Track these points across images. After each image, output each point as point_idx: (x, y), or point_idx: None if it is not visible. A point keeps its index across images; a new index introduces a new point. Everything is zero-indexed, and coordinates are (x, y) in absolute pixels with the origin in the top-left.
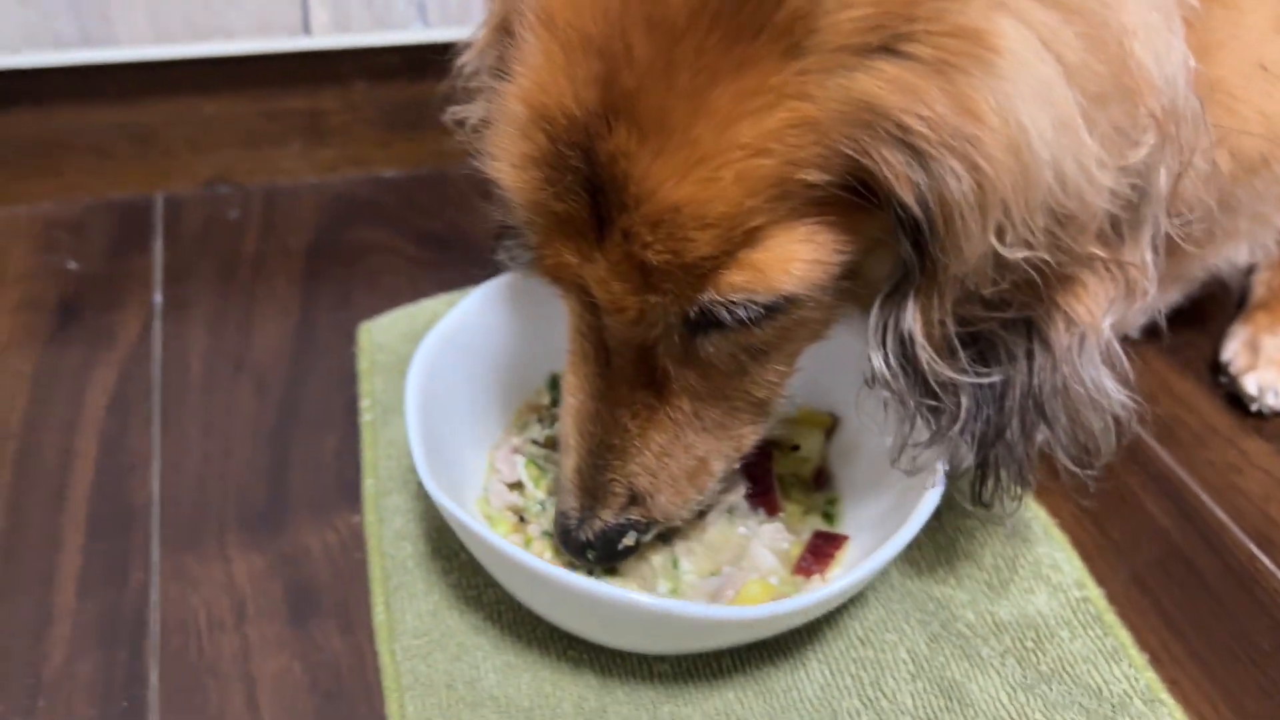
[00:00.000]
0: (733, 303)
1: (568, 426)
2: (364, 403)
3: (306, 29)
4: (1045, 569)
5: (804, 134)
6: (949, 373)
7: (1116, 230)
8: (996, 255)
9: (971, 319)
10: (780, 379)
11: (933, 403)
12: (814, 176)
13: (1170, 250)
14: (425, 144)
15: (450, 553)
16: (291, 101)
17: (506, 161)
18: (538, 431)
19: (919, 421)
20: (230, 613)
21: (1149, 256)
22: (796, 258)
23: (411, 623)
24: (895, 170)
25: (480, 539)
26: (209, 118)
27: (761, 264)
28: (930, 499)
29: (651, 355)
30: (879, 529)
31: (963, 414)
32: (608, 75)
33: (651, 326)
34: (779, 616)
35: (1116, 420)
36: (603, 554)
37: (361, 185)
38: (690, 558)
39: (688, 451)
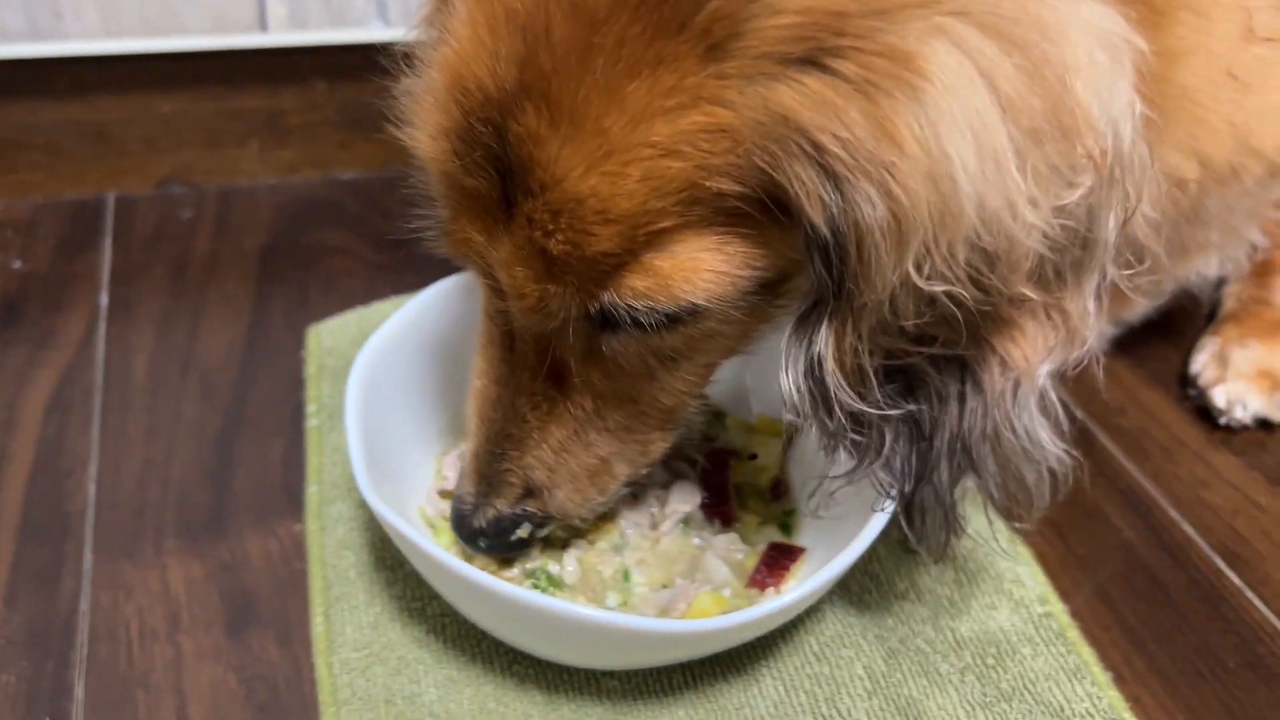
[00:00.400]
0: (633, 307)
1: (470, 409)
2: (310, 408)
3: (263, 25)
4: (1008, 584)
5: (718, 140)
6: (857, 404)
7: (1056, 273)
8: (914, 287)
9: (894, 351)
10: (690, 389)
11: (855, 435)
12: (726, 186)
13: (1140, 260)
14: (387, 145)
15: (394, 563)
16: (249, 100)
17: (423, 130)
18: None
19: (840, 453)
20: (164, 621)
21: (1090, 304)
22: (702, 267)
23: (351, 635)
24: (807, 189)
25: (419, 549)
26: (165, 116)
27: (665, 270)
28: (883, 513)
29: (554, 346)
30: (836, 541)
31: (885, 449)
32: (527, 54)
33: (551, 317)
34: (730, 630)
35: (1051, 473)
36: (495, 543)
37: (321, 187)
38: (642, 569)
39: (588, 450)
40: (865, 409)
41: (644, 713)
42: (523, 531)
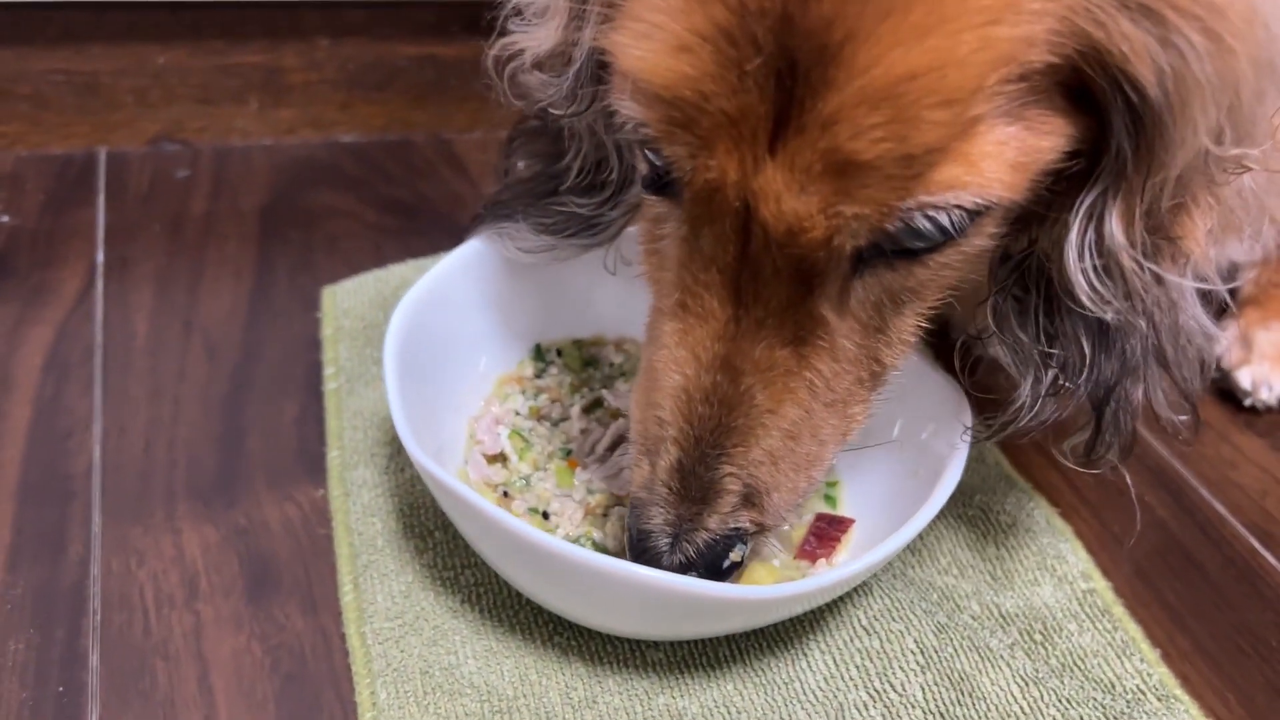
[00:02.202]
0: (937, 208)
1: (668, 411)
2: (328, 370)
3: None
4: (1050, 560)
5: (1045, 2)
6: (1151, 271)
7: None
8: (1208, 156)
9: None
10: (910, 340)
11: (1050, 350)
12: (1041, 57)
13: None
14: (390, 108)
15: (424, 531)
16: (249, 56)
17: (659, 44)
18: (520, 403)
19: (1044, 373)
20: (181, 588)
21: (1248, 184)
22: (1004, 157)
23: (383, 604)
24: (1134, 46)
25: (475, 509)
26: (159, 69)
27: (975, 156)
28: (948, 482)
29: (804, 298)
30: (884, 513)
31: (1087, 356)
32: None
33: (831, 255)
34: (791, 598)
35: (1202, 359)
36: (705, 575)
37: (320, 149)
38: None
39: (814, 434)
40: (1164, 274)
41: (691, 685)
42: (736, 555)
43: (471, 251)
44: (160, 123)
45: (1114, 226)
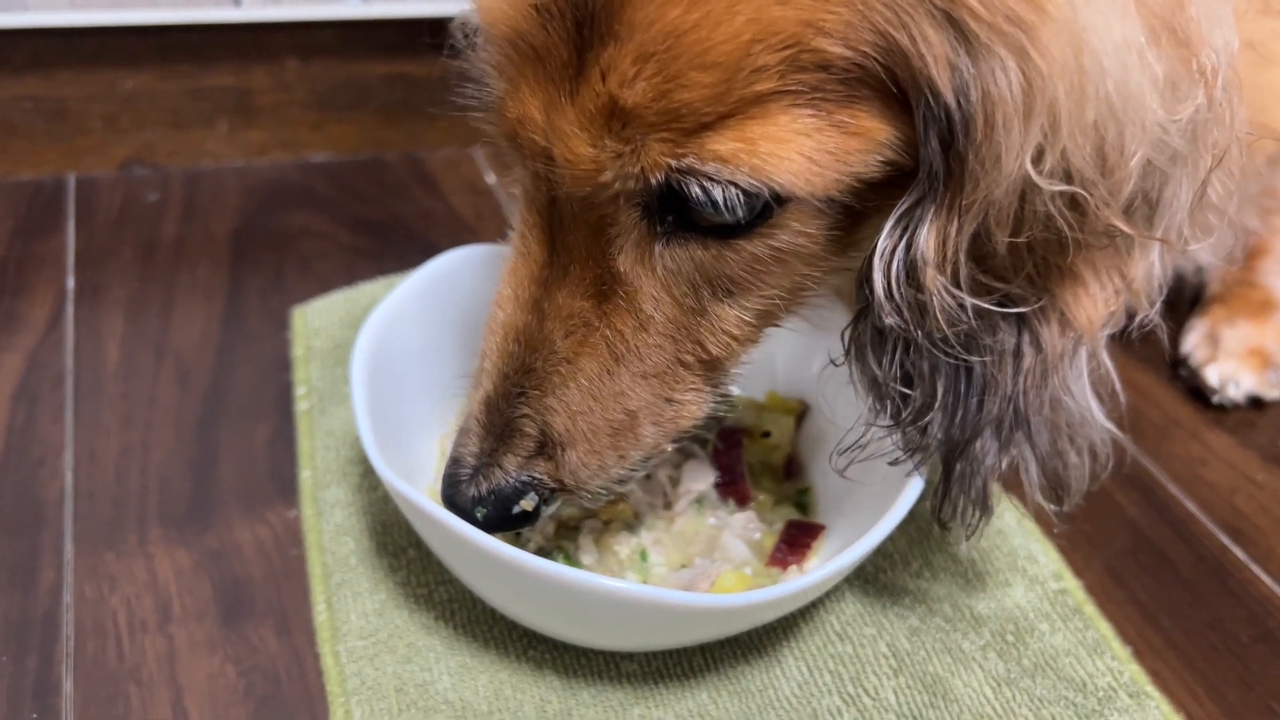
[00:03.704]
0: (709, 178)
1: (487, 345)
2: (299, 390)
3: (236, 0)
4: (1021, 561)
5: None
6: (955, 298)
7: (1139, 211)
8: (1026, 188)
9: (973, 284)
10: (741, 335)
11: (904, 389)
12: (835, 50)
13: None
14: (361, 128)
15: (397, 549)
16: (218, 79)
17: None
18: None
19: (887, 405)
20: (153, 613)
21: (1156, 263)
22: (794, 146)
23: (357, 623)
24: (935, 53)
25: (443, 525)
26: (127, 93)
27: (754, 136)
28: (913, 486)
29: (603, 250)
30: (855, 518)
31: (937, 400)
32: None
33: (608, 196)
34: (763, 605)
35: (1093, 454)
36: (494, 514)
37: (291, 170)
38: (659, 549)
39: (618, 399)
40: (968, 299)
41: (665, 695)
42: (527, 503)
43: (438, 267)
44: (130, 147)
45: (923, 239)
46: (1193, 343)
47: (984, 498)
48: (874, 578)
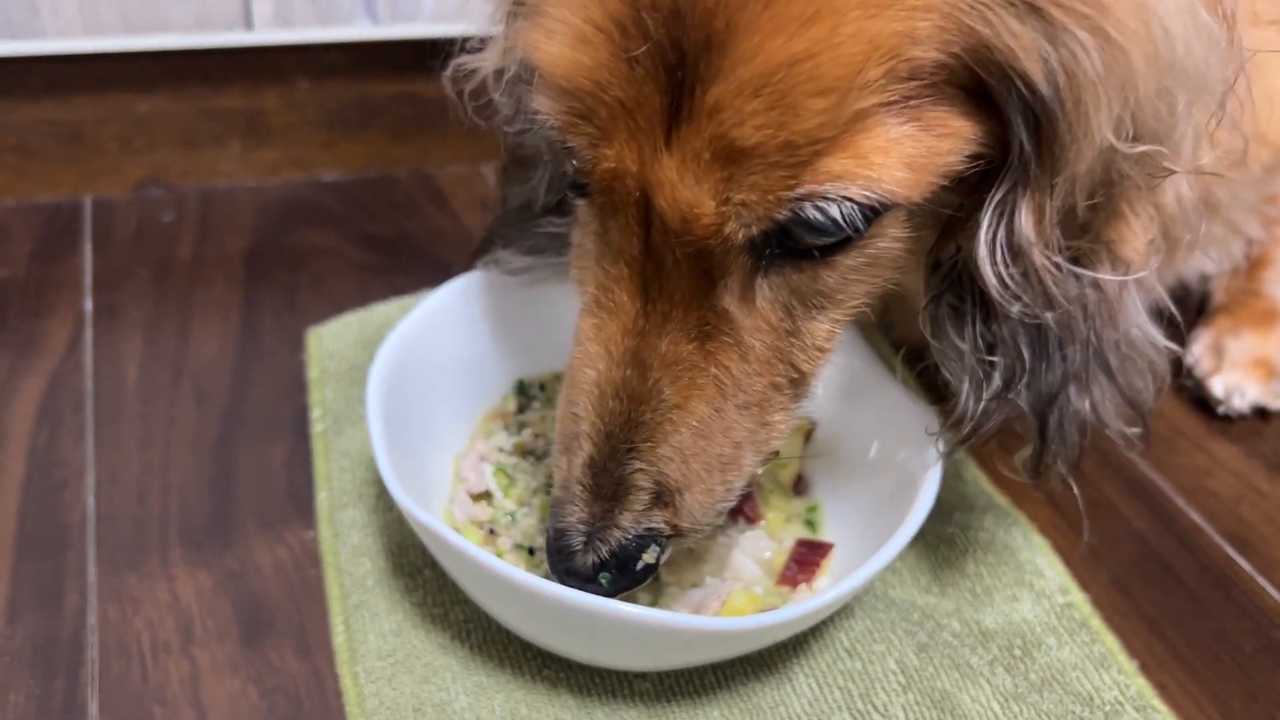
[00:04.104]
0: (827, 199)
1: (582, 407)
2: (315, 412)
3: (248, 23)
4: (1028, 575)
5: None
6: (1061, 269)
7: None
8: (1110, 153)
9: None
10: (828, 344)
11: (989, 358)
12: (928, 55)
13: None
14: (371, 146)
15: (413, 569)
16: (230, 100)
17: (561, 38)
18: (505, 439)
19: (984, 381)
20: (176, 634)
21: (1185, 190)
22: (897, 154)
23: (374, 643)
24: (1023, 43)
25: (457, 550)
26: (142, 116)
27: (865, 150)
28: (922, 504)
29: (706, 292)
30: (864, 536)
31: (1026, 362)
32: None
33: (724, 245)
34: (773, 627)
35: (1154, 373)
36: (619, 576)
37: (303, 188)
38: (670, 568)
39: (726, 434)
40: (1079, 270)
41: (678, 714)
42: (649, 556)
43: (452, 291)
44: (144, 168)
45: (1023, 223)
46: (1197, 353)
47: (1080, 447)
48: (882, 594)
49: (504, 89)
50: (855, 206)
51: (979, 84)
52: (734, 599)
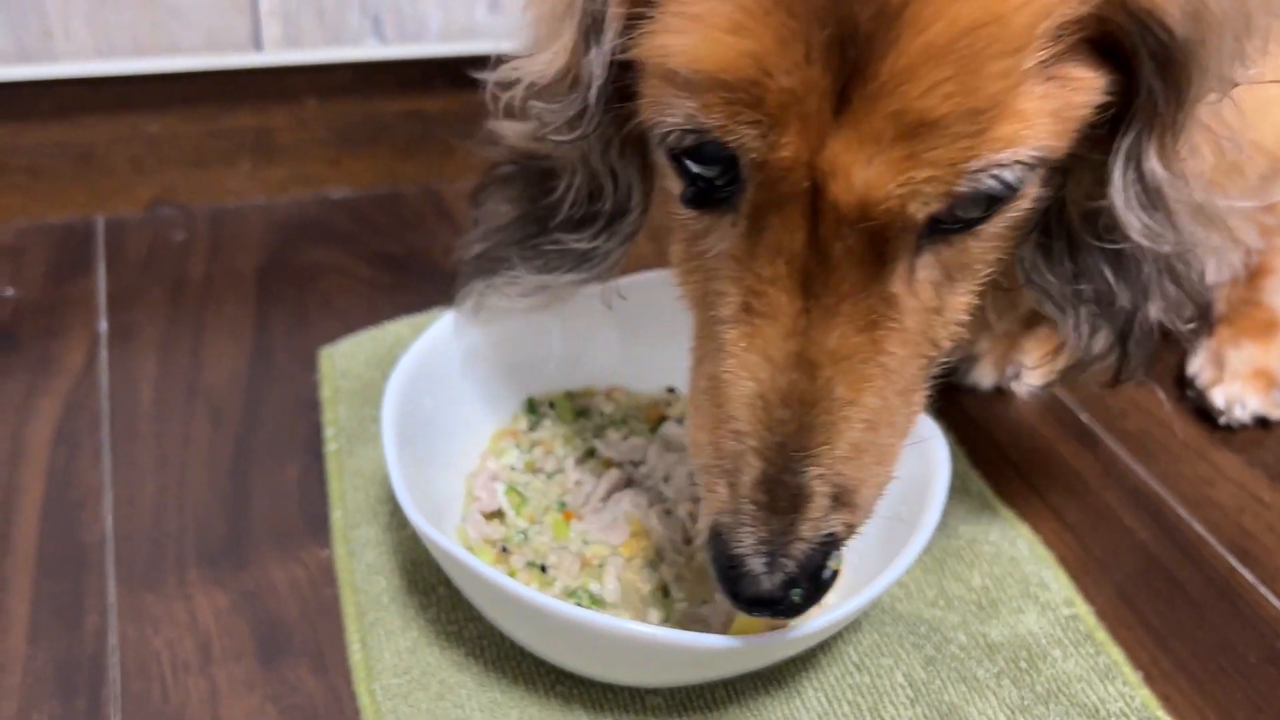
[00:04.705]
0: (1001, 166)
1: (745, 422)
2: (328, 431)
3: (257, 45)
4: (1033, 588)
5: None
6: (1195, 199)
7: None
8: (1225, 84)
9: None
10: (965, 319)
11: (1078, 287)
12: (1072, 10)
13: None
14: (378, 163)
15: (427, 587)
16: (240, 119)
17: (713, 27)
18: (516, 457)
19: (1079, 310)
20: (195, 653)
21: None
22: (1046, 111)
23: (390, 661)
24: None
25: (471, 570)
26: (153, 136)
27: (1027, 111)
28: (929, 519)
29: (875, 278)
30: (871, 551)
31: (1114, 285)
32: None
33: (902, 227)
34: (782, 644)
35: (1200, 273)
36: (809, 588)
37: (312, 206)
38: (680, 584)
39: (891, 423)
40: (1202, 210)
41: None
42: (834, 563)
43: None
44: (155, 188)
45: (1154, 165)
46: (1198, 364)
47: (1154, 349)
48: (890, 608)
49: (576, 101)
50: (1023, 169)
51: (1104, 34)
52: (743, 615)
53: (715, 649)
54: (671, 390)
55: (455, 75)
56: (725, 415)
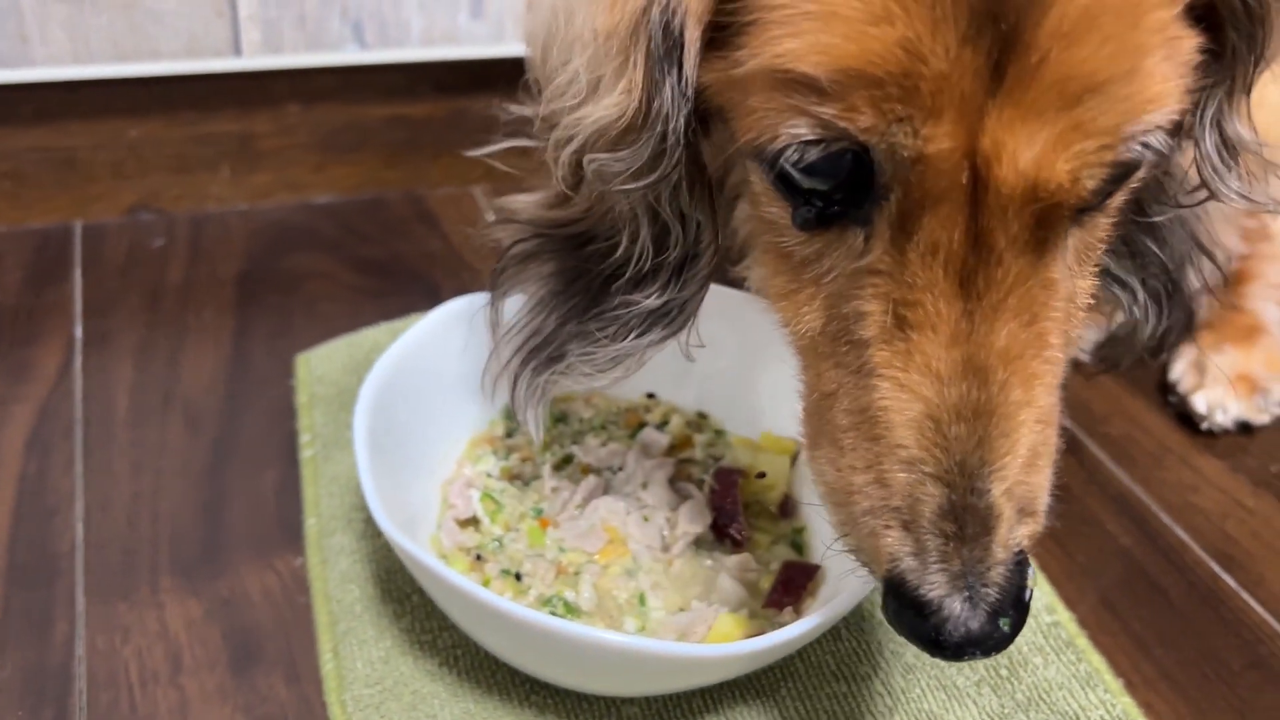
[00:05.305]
0: (1155, 129)
1: (918, 449)
2: (303, 438)
3: (237, 50)
4: None
5: None
6: (1266, 155)
7: None
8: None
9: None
10: (1087, 303)
11: (1127, 263)
12: None
13: None
14: (362, 168)
15: (401, 595)
16: (221, 125)
17: (851, 22)
18: (492, 464)
19: (1134, 284)
20: (165, 663)
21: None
22: (1172, 69)
23: (363, 671)
24: None
25: (441, 578)
26: (133, 142)
27: (1164, 71)
28: None
29: (1040, 268)
30: (849, 558)
31: (1159, 260)
32: None
33: (1072, 203)
34: (760, 653)
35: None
36: (1018, 617)
37: (294, 211)
38: (657, 592)
39: (1054, 418)
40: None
41: None
42: (1030, 581)
43: (439, 317)
44: (136, 193)
45: (1239, 127)
46: (1180, 370)
47: (1193, 312)
48: (869, 614)
49: (653, 140)
50: (1162, 134)
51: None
52: (721, 623)
53: (692, 658)
54: (651, 396)
55: (439, 81)
56: (889, 446)
